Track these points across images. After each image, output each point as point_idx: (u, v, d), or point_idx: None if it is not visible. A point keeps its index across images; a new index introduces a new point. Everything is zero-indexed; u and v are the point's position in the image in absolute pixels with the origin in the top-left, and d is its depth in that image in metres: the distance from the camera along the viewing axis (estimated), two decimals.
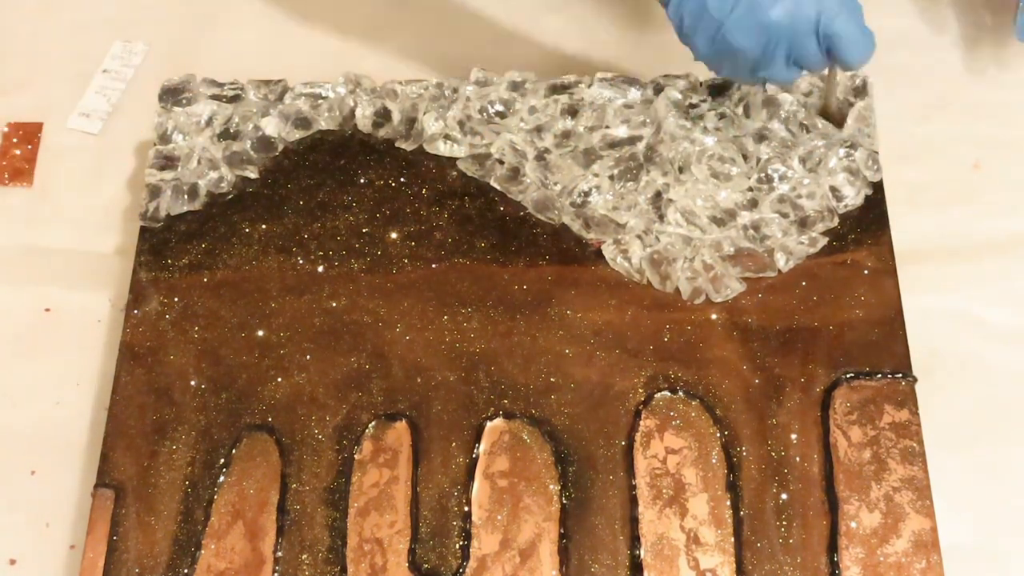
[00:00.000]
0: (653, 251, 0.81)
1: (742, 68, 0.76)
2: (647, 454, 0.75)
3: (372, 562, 0.73)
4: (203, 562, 0.73)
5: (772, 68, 0.75)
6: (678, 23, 0.76)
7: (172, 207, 0.84)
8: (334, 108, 0.88)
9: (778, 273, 0.81)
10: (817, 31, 0.73)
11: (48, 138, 0.92)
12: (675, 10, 0.76)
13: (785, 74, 0.76)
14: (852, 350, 0.78)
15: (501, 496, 0.75)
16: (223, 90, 0.88)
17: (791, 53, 0.74)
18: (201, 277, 0.82)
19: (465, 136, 0.86)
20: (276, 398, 0.78)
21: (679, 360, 0.78)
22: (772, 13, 0.73)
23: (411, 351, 0.79)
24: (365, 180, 0.86)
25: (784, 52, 0.74)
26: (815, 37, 0.73)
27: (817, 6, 0.73)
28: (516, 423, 0.77)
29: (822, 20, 0.73)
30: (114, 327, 0.83)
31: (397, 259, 0.82)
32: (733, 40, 0.74)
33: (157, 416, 0.77)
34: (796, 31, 0.73)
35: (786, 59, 0.75)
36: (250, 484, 0.75)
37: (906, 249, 0.82)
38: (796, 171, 0.83)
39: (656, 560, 0.72)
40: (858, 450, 0.75)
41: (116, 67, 0.95)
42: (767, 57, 0.74)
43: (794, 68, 0.76)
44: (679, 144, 0.84)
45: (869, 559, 0.72)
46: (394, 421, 0.77)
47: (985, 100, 0.90)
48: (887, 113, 0.89)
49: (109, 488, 0.75)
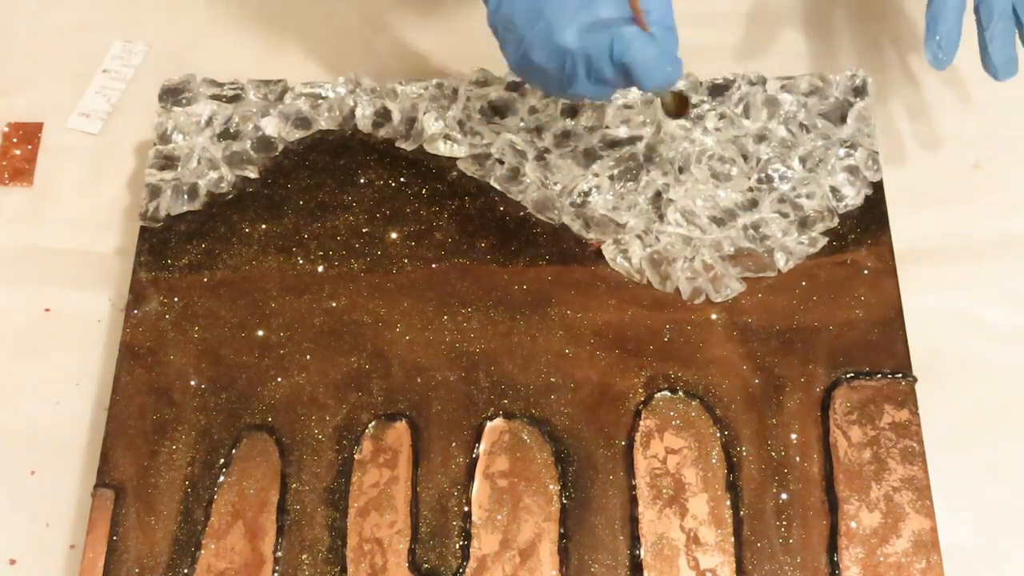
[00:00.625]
0: (653, 251, 0.81)
1: (550, 84, 0.75)
2: (647, 454, 0.75)
3: (372, 562, 0.73)
4: (203, 562, 0.73)
5: (576, 86, 0.73)
6: (494, 31, 0.74)
7: (172, 207, 0.84)
8: (334, 108, 0.88)
9: (778, 273, 0.81)
10: (611, 56, 0.71)
11: (48, 138, 0.92)
12: (492, 17, 0.74)
13: (593, 91, 0.74)
14: (852, 350, 0.78)
15: (501, 496, 0.75)
16: (223, 90, 0.88)
17: (590, 74, 0.72)
18: (201, 277, 0.82)
19: (465, 136, 0.86)
20: (276, 398, 0.78)
21: (679, 360, 0.78)
22: (565, 36, 0.71)
23: (411, 351, 0.79)
24: (365, 180, 0.86)
25: (584, 72, 0.72)
26: (610, 62, 0.71)
27: (610, 33, 0.71)
28: (516, 423, 0.77)
29: (615, 47, 0.71)
30: (114, 327, 0.83)
31: (397, 259, 0.82)
32: (534, 56, 0.73)
33: (157, 416, 0.77)
34: (590, 55, 0.71)
35: (588, 78, 0.73)
36: (250, 484, 0.75)
37: (906, 249, 0.82)
38: (796, 171, 0.83)
39: (656, 560, 0.72)
40: (858, 450, 0.75)
41: (116, 67, 0.95)
42: (568, 76, 0.73)
43: (601, 86, 0.73)
44: (679, 144, 0.84)
45: (869, 559, 0.72)
46: (394, 421, 0.77)
47: (985, 100, 0.90)
48: (887, 113, 0.89)
49: (109, 488, 0.75)
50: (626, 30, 0.71)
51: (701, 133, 0.84)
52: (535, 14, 0.72)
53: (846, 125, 0.85)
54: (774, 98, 0.85)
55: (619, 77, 0.72)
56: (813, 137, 0.84)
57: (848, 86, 0.86)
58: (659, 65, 0.71)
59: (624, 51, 0.71)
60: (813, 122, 0.85)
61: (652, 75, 0.71)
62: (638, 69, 0.71)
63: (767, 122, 0.85)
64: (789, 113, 0.85)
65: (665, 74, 0.72)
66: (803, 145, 0.84)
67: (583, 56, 0.72)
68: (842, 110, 0.85)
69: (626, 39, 0.71)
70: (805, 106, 0.85)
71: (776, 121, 0.85)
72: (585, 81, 0.73)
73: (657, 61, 0.71)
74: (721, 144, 0.84)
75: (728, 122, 0.85)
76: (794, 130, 0.85)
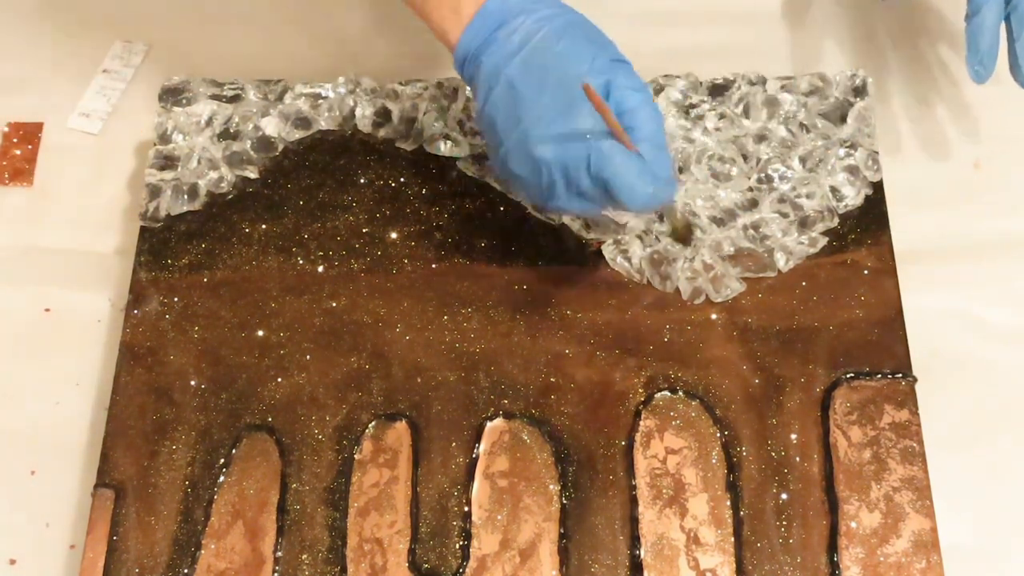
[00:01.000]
0: (653, 251, 0.81)
1: (532, 194, 0.73)
2: (647, 454, 0.75)
3: (372, 562, 0.73)
4: (203, 562, 0.73)
5: (557, 200, 0.71)
6: (481, 132, 0.72)
7: (172, 207, 0.84)
8: (334, 108, 0.88)
9: (778, 273, 0.81)
10: (589, 169, 0.68)
11: (48, 138, 0.92)
12: (477, 119, 0.72)
13: (577, 206, 0.71)
14: (852, 350, 0.78)
15: (501, 496, 0.75)
16: (223, 90, 0.88)
17: (569, 186, 0.70)
18: (201, 277, 0.82)
19: (465, 136, 0.86)
20: (276, 398, 0.78)
21: (679, 360, 0.78)
22: (540, 145, 0.69)
23: (411, 351, 0.79)
24: (365, 180, 0.86)
25: (562, 184, 0.70)
26: (588, 175, 0.69)
27: (587, 148, 0.68)
28: (516, 423, 0.77)
29: (592, 159, 0.68)
30: (114, 327, 0.83)
31: (397, 259, 0.82)
32: (512, 165, 0.71)
33: (157, 416, 0.77)
34: (567, 166, 0.69)
35: (567, 190, 0.70)
36: (250, 484, 0.75)
37: (906, 249, 0.82)
38: (796, 171, 0.83)
39: (656, 560, 0.72)
40: (858, 450, 0.75)
41: (116, 67, 0.95)
42: (547, 187, 0.70)
43: (583, 200, 0.71)
44: (679, 144, 0.84)
45: (869, 559, 0.72)
46: (394, 421, 0.77)
47: (985, 100, 0.90)
48: (887, 113, 0.89)
49: (109, 488, 0.75)
50: (605, 144, 0.68)
51: (701, 133, 0.84)
52: (514, 121, 0.70)
53: (846, 125, 0.85)
54: (774, 98, 0.85)
55: (599, 192, 0.69)
56: (813, 137, 0.84)
57: (848, 86, 0.86)
58: (641, 182, 0.68)
59: (602, 165, 0.68)
60: (813, 122, 0.85)
61: (633, 192, 0.68)
62: (617, 185, 0.68)
63: (767, 122, 0.85)
64: (789, 113, 0.85)
65: (647, 194, 0.69)
66: (803, 145, 0.84)
67: (560, 167, 0.69)
68: (842, 110, 0.85)
69: (604, 153, 0.68)
70: (805, 106, 0.85)
71: (776, 121, 0.85)
72: (565, 194, 0.70)
73: (639, 178, 0.68)
74: (721, 144, 0.84)
75: (728, 122, 0.85)
76: (794, 130, 0.85)
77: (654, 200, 0.70)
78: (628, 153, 0.68)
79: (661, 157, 0.70)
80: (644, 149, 0.69)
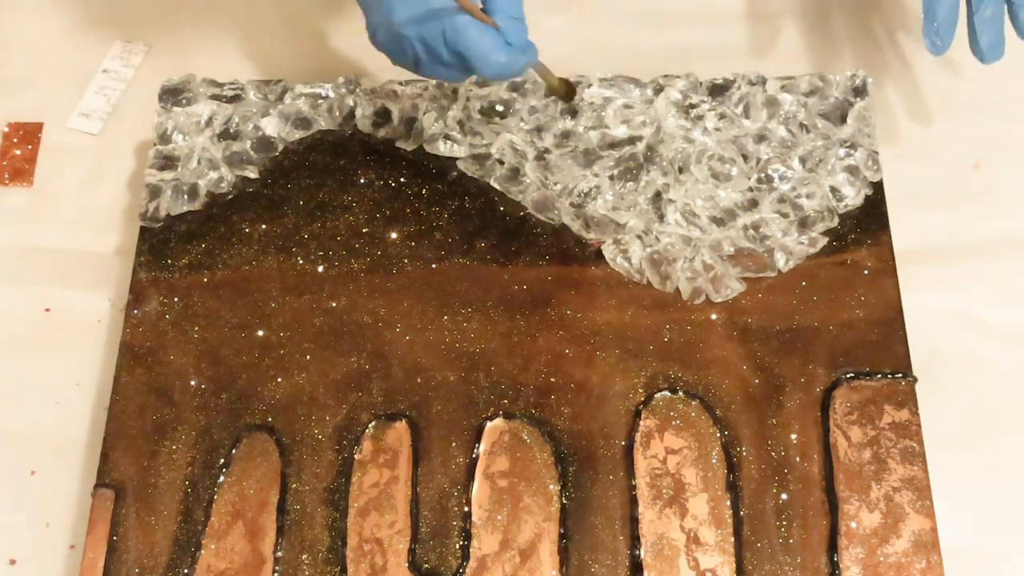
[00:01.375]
0: (653, 251, 0.81)
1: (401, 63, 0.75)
2: (647, 454, 0.75)
3: (372, 562, 0.73)
4: (203, 562, 0.73)
5: (423, 69, 0.74)
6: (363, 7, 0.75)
7: (172, 207, 0.84)
8: (334, 108, 0.88)
9: (778, 273, 0.81)
10: (446, 43, 0.72)
11: (48, 138, 0.92)
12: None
13: (445, 73, 0.74)
14: (852, 350, 0.78)
15: (501, 496, 0.75)
16: (223, 90, 0.88)
17: (432, 58, 0.73)
18: (201, 277, 0.82)
19: (465, 136, 0.86)
20: (276, 398, 0.78)
21: (679, 360, 0.78)
22: (401, 26, 0.72)
23: (411, 351, 0.79)
24: (365, 180, 0.86)
25: (425, 56, 0.73)
26: (446, 48, 0.72)
27: (442, 24, 0.71)
28: (516, 423, 0.77)
29: (447, 34, 0.71)
30: (114, 327, 0.83)
31: (397, 259, 0.82)
32: (379, 38, 0.74)
33: (157, 416, 0.77)
34: (426, 42, 0.72)
35: (432, 61, 0.73)
36: (250, 484, 0.75)
37: (906, 249, 0.82)
38: (796, 171, 0.83)
39: (656, 560, 0.72)
40: (858, 450, 0.75)
41: (116, 67, 0.95)
42: (413, 59, 0.73)
43: (449, 69, 0.74)
44: (679, 144, 0.84)
45: (869, 559, 0.72)
46: (394, 421, 0.77)
47: (985, 100, 0.90)
48: (887, 113, 0.89)
49: (109, 488, 0.75)
50: (458, 18, 0.71)
51: (701, 133, 0.84)
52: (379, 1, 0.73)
53: (846, 125, 0.85)
54: (774, 98, 0.85)
55: (458, 62, 0.72)
56: (813, 137, 0.84)
57: (848, 86, 0.86)
58: (495, 52, 0.72)
59: (456, 39, 0.71)
60: (813, 122, 0.85)
61: (487, 62, 0.72)
62: (472, 56, 0.71)
63: (767, 122, 0.85)
64: (789, 113, 0.85)
65: (500, 63, 0.72)
66: (803, 145, 0.84)
67: (420, 41, 0.72)
68: (842, 110, 0.85)
69: (457, 27, 0.71)
70: (805, 106, 0.85)
71: (776, 121, 0.85)
72: (429, 64, 0.73)
73: (493, 48, 0.71)
74: (721, 144, 0.84)
75: (728, 122, 0.85)
76: (794, 130, 0.85)
77: (509, 68, 0.73)
78: (481, 26, 0.71)
79: (515, 26, 0.73)
80: (500, 20, 0.72)
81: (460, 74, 0.74)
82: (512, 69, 0.73)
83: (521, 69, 0.74)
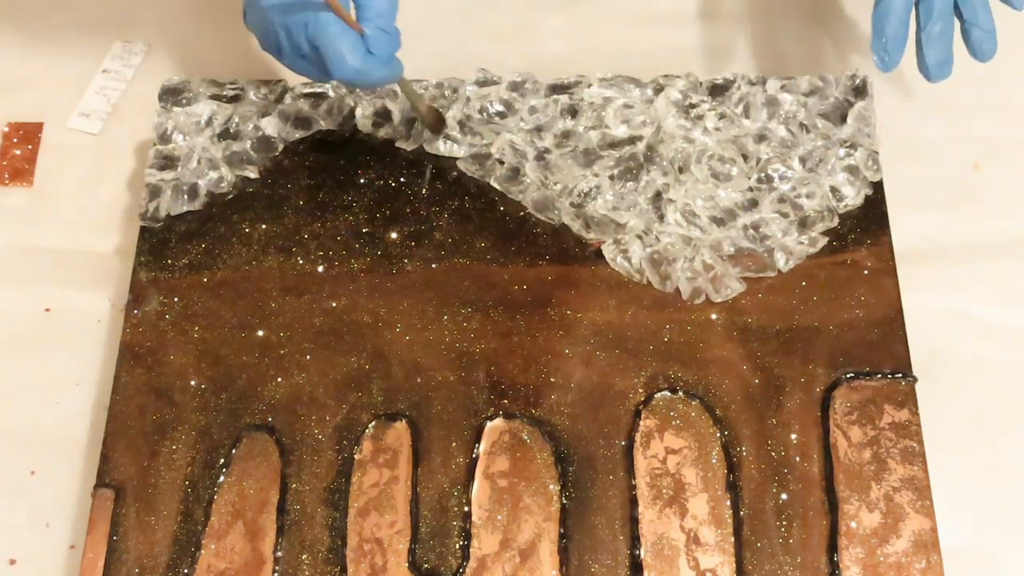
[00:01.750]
0: (653, 251, 0.81)
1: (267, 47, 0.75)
2: (647, 454, 0.75)
3: (372, 562, 0.73)
4: (203, 562, 0.73)
5: (284, 58, 0.74)
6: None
7: (172, 207, 0.84)
8: (334, 108, 0.88)
9: (778, 273, 0.81)
10: (307, 36, 0.72)
11: (48, 138, 0.92)
12: None
13: (301, 66, 0.74)
14: (852, 350, 0.78)
15: (501, 496, 0.75)
16: (223, 90, 0.88)
17: (293, 48, 0.73)
18: (201, 277, 0.82)
19: (465, 136, 0.86)
20: (276, 398, 0.78)
21: (679, 360, 0.78)
22: (268, 12, 0.73)
23: (411, 351, 0.79)
24: (365, 180, 0.86)
25: (287, 44, 0.73)
26: (306, 41, 0.72)
27: (307, 14, 0.72)
28: (516, 423, 0.77)
29: (309, 27, 0.72)
30: (114, 327, 0.83)
31: (397, 259, 0.82)
32: (249, 21, 0.74)
33: (157, 416, 0.77)
34: (290, 31, 0.72)
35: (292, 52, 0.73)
36: (250, 484, 0.75)
37: (906, 249, 0.82)
38: (796, 171, 0.83)
39: (656, 560, 0.72)
40: (858, 450, 0.75)
41: (116, 67, 0.95)
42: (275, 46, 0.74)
43: (306, 63, 0.74)
44: (679, 144, 0.84)
45: (869, 559, 0.72)
46: (394, 421, 0.77)
47: (985, 100, 0.90)
48: (887, 113, 0.89)
49: (109, 488, 0.75)
50: (323, 15, 0.71)
51: (701, 133, 0.84)
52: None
53: (846, 125, 0.85)
54: (774, 98, 0.85)
55: (316, 59, 0.73)
56: (813, 137, 0.84)
57: (848, 86, 0.86)
58: (352, 55, 0.72)
59: (316, 33, 0.71)
60: (813, 122, 0.85)
61: (341, 63, 0.72)
62: (327, 54, 0.72)
63: (767, 122, 0.85)
64: (789, 113, 0.85)
65: (354, 68, 0.72)
66: (803, 145, 0.84)
67: (284, 29, 0.72)
68: (842, 110, 0.85)
69: (320, 23, 0.71)
70: (805, 106, 0.85)
71: (776, 121, 0.85)
72: (290, 55, 0.73)
73: (351, 52, 0.72)
74: (721, 144, 0.84)
75: (728, 122, 0.85)
76: (794, 130, 0.85)
77: (362, 76, 0.73)
78: (344, 27, 0.72)
79: (382, 37, 0.73)
80: (368, 28, 0.72)
81: (319, 72, 0.74)
82: (367, 78, 0.73)
83: (379, 81, 0.74)
